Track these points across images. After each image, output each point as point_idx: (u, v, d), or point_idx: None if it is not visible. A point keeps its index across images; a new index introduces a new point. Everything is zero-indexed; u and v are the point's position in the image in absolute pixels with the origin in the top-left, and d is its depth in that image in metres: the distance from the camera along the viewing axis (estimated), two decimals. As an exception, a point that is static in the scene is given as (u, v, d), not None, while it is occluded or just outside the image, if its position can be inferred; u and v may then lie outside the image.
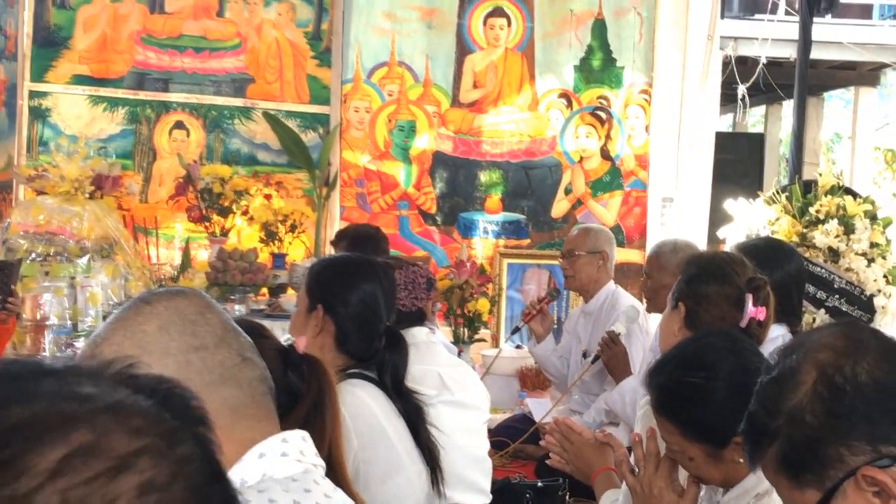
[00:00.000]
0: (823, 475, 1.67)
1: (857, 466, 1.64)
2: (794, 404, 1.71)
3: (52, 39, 7.67)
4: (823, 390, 1.69)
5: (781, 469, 1.74)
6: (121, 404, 0.75)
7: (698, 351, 2.68)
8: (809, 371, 1.71)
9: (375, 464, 3.19)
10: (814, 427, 1.68)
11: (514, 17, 8.02)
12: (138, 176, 7.75)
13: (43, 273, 6.18)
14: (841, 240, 6.58)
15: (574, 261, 5.94)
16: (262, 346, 2.16)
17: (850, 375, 1.68)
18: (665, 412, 2.62)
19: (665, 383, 2.63)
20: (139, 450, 0.72)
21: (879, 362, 1.70)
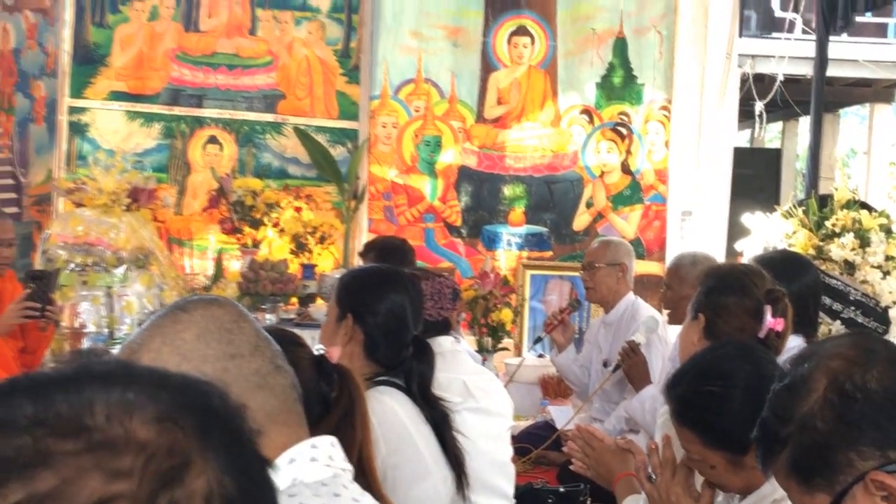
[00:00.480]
0: (833, 480, 1.68)
1: (866, 471, 1.65)
2: (805, 411, 1.71)
3: (90, 57, 7.71)
4: (834, 397, 1.69)
5: (792, 474, 1.75)
6: (118, 438, 0.70)
7: (714, 361, 2.68)
8: (821, 379, 1.72)
9: (403, 469, 3.19)
10: (824, 433, 1.69)
11: (537, 36, 8.02)
12: (173, 189, 7.77)
13: (81, 282, 6.21)
14: (857, 253, 6.56)
15: (594, 273, 5.94)
16: (297, 356, 2.17)
17: (860, 383, 1.69)
18: (685, 422, 2.62)
19: (684, 394, 2.63)
20: (107, 499, 0.67)
21: (888, 371, 1.70)
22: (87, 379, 0.73)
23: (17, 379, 0.73)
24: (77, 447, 0.68)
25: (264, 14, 7.91)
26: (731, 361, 2.63)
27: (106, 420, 0.70)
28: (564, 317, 6.16)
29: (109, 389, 0.73)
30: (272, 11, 7.91)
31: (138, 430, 0.71)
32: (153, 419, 0.72)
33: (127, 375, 0.75)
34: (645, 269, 7.69)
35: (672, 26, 7.93)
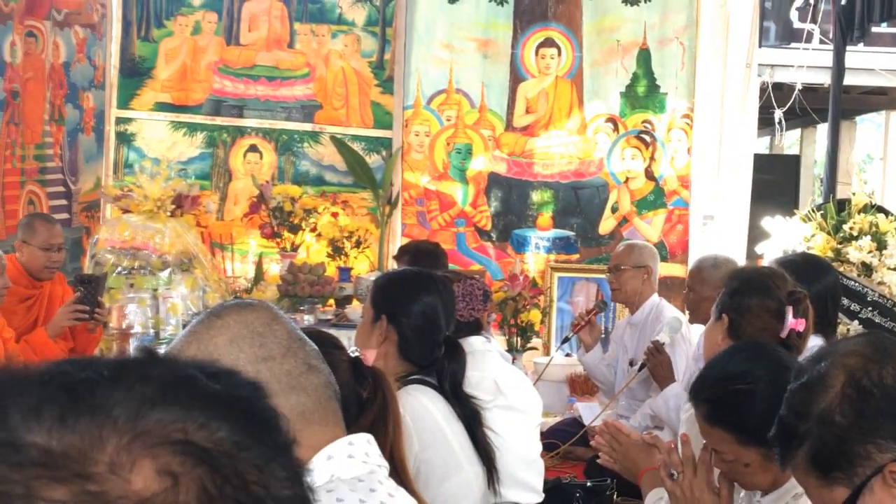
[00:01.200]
0: (852, 472, 1.68)
1: (884, 463, 1.65)
2: (824, 406, 1.72)
3: (136, 70, 7.75)
4: (852, 392, 1.70)
5: (811, 469, 1.75)
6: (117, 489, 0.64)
7: (735, 361, 2.67)
8: (838, 375, 1.72)
9: (435, 464, 3.18)
10: (843, 427, 1.69)
11: (563, 48, 8.00)
12: (215, 195, 7.80)
13: (128, 285, 6.24)
14: (874, 255, 6.52)
15: (620, 275, 5.92)
16: (336, 358, 2.16)
17: (876, 379, 1.69)
18: (717, 422, 2.60)
19: (712, 396, 2.61)
20: None
21: None
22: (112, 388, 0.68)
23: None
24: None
25: (302, 28, 7.93)
26: (750, 360, 2.62)
27: (108, 470, 0.64)
28: (591, 317, 6.14)
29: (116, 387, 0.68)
30: (310, 25, 7.93)
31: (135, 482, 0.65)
32: (157, 472, 0.66)
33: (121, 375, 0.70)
34: (668, 272, 7.66)
35: (694, 37, 7.90)
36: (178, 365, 0.75)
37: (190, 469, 0.66)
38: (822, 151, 9.88)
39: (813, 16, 9.19)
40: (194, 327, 1.77)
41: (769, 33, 12.29)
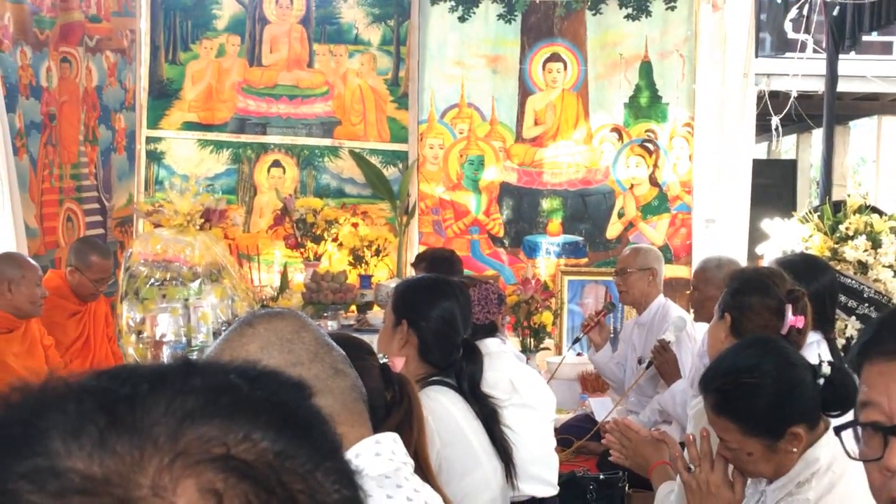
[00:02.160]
0: None
1: None
2: None
3: (164, 91, 7.79)
4: None
5: None
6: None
7: (745, 355, 2.67)
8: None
9: (456, 461, 3.19)
10: None
11: (569, 62, 8.01)
12: (241, 209, 7.82)
13: (160, 296, 6.25)
14: (869, 254, 6.50)
15: (627, 277, 5.93)
16: (368, 364, 2.18)
17: None
18: (724, 413, 2.60)
19: (721, 387, 2.61)
20: None
21: None
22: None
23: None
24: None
25: (321, 48, 7.95)
26: (758, 355, 2.62)
27: (152, 492, 0.62)
28: (600, 318, 6.15)
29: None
30: (328, 46, 7.95)
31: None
32: (200, 491, 0.63)
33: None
34: (673, 273, 7.65)
35: (693, 50, 7.90)
36: (218, 372, 0.72)
37: (234, 485, 0.63)
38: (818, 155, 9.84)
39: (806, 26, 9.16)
40: (228, 335, 1.78)
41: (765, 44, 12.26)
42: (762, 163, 12.96)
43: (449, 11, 7.95)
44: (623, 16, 7.95)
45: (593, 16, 7.98)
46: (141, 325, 6.18)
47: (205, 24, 7.82)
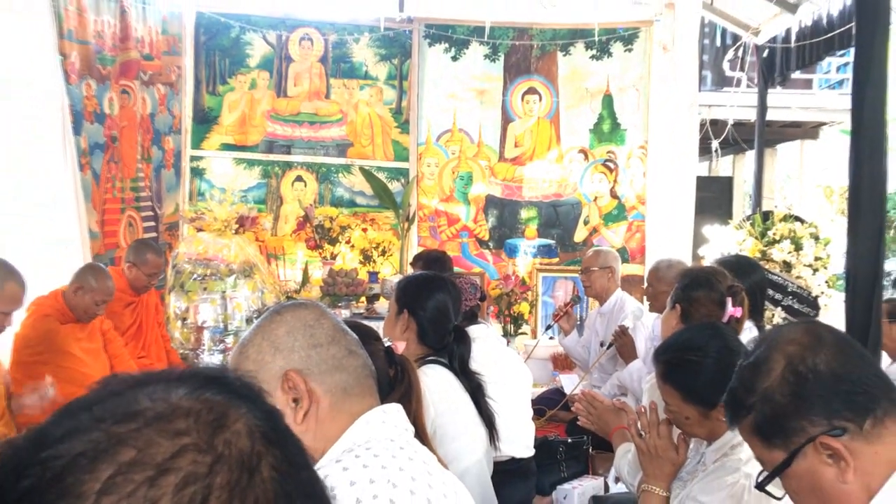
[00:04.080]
0: (788, 441, 1.65)
1: (815, 435, 1.62)
2: (766, 386, 1.69)
3: (206, 118, 7.78)
4: (790, 376, 1.67)
5: (755, 434, 1.72)
6: (167, 410, 0.69)
7: (693, 336, 2.68)
8: (779, 360, 1.69)
9: (448, 427, 3.19)
10: (782, 405, 1.66)
11: (544, 94, 8.02)
12: (270, 216, 7.82)
13: (202, 288, 6.25)
14: (792, 255, 6.53)
15: (590, 275, 5.94)
16: (375, 348, 2.18)
17: (811, 365, 1.66)
18: (670, 381, 2.62)
19: (670, 360, 2.63)
20: (178, 451, 0.66)
21: (834, 355, 1.67)
22: (121, 387, 0.72)
23: (67, 404, 0.71)
24: (139, 424, 0.67)
25: (336, 82, 7.95)
26: (705, 338, 2.63)
27: (151, 402, 0.69)
28: (569, 309, 6.17)
29: (143, 388, 0.72)
30: (342, 80, 7.95)
31: (179, 402, 0.70)
32: (186, 394, 0.71)
33: (147, 380, 0.74)
34: (629, 271, 7.67)
35: (647, 85, 7.91)
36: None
37: (209, 385, 0.74)
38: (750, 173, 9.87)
39: (741, 66, 9.17)
40: (260, 322, 1.78)
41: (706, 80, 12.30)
42: (704, 179, 12.99)
43: (444, 52, 7.95)
44: (589, 56, 7.96)
45: (564, 56, 7.99)
46: (185, 313, 6.18)
47: (239, 61, 7.82)
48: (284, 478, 0.69)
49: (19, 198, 5.39)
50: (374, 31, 7.93)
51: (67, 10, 6.33)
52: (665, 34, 7.88)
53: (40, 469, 0.64)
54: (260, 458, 0.69)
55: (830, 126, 13.29)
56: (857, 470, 1.59)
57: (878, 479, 1.59)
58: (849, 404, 1.62)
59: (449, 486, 1.75)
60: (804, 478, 1.65)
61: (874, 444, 1.60)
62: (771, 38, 8.07)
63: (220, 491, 0.65)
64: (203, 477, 0.65)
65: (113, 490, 0.62)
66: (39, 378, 4.63)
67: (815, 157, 14.63)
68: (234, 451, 0.68)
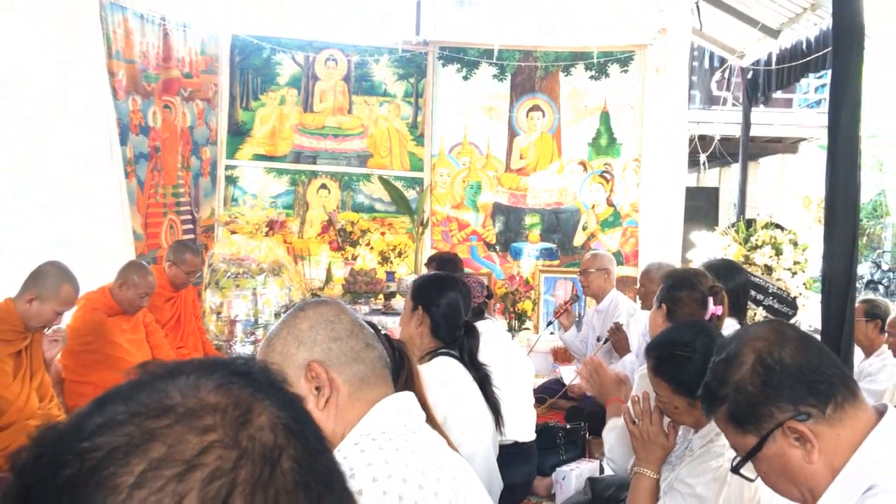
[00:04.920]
0: (760, 426, 1.69)
1: (783, 420, 1.66)
2: (738, 378, 1.72)
3: (239, 131, 7.80)
4: (759, 368, 1.71)
5: (729, 422, 1.76)
6: (196, 406, 0.68)
7: (681, 333, 2.67)
8: (749, 354, 1.73)
9: (458, 413, 3.19)
10: (753, 394, 1.70)
11: (546, 111, 8.01)
12: (297, 220, 7.83)
13: (235, 285, 6.27)
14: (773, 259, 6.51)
15: (587, 276, 5.93)
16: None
17: (777, 358, 1.70)
18: (661, 374, 2.62)
19: (661, 355, 2.63)
20: (205, 448, 0.65)
21: (797, 349, 1.71)
22: (155, 379, 0.71)
23: (105, 393, 0.70)
24: (170, 421, 0.66)
25: (358, 99, 7.96)
26: (693, 335, 2.63)
27: (181, 398, 0.69)
28: (568, 306, 6.16)
29: (174, 380, 0.71)
30: (363, 97, 7.96)
31: (207, 398, 0.69)
32: (214, 388, 0.71)
33: (178, 370, 0.73)
34: (623, 273, 7.65)
35: (641, 104, 7.90)
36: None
37: (234, 378, 0.73)
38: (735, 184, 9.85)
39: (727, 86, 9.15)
40: (286, 317, 1.79)
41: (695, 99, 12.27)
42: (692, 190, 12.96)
43: (456, 72, 7.96)
44: (588, 77, 7.95)
45: (565, 76, 7.98)
46: (220, 308, 6.20)
47: (270, 80, 7.83)
48: (303, 468, 0.69)
49: (19, 198, 5.25)
50: (392, 53, 7.94)
51: (116, 32, 6.36)
52: (658, 57, 7.88)
53: (79, 460, 0.64)
54: (281, 451, 0.68)
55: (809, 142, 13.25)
56: (821, 451, 1.63)
57: (840, 458, 1.63)
58: (812, 392, 1.66)
59: (458, 467, 1.75)
60: (774, 460, 1.69)
61: (836, 427, 1.64)
62: (755, 61, 8.06)
63: (243, 485, 0.65)
64: (228, 472, 0.65)
65: (144, 484, 0.62)
66: (89, 365, 4.66)
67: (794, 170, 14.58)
68: (258, 445, 0.68)
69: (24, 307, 3.99)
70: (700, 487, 2.43)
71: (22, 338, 4.06)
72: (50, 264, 4.13)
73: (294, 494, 0.67)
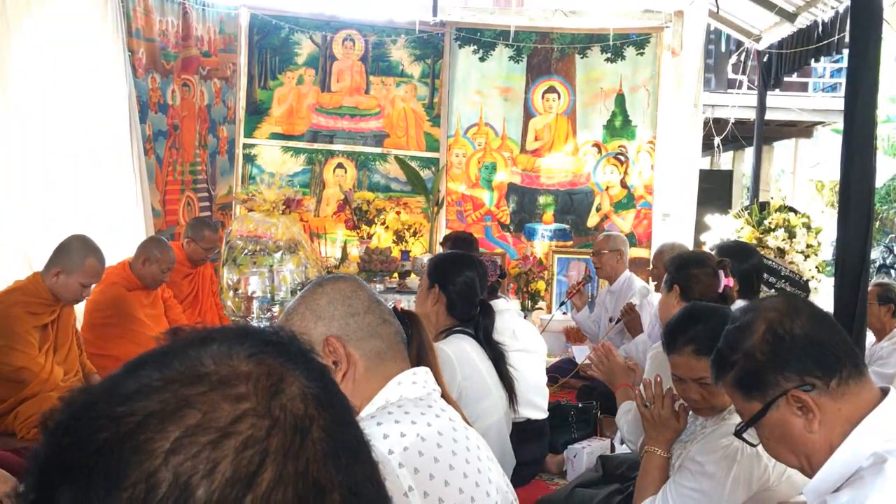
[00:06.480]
0: (765, 393, 1.72)
1: (788, 389, 1.69)
2: (749, 345, 1.75)
3: (257, 110, 7.80)
4: (770, 337, 1.73)
5: (737, 388, 1.78)
6: (230, 375, 0.68)
7: (693, 314, 2.66)
8: (761, 324, 1.75)
9: (472, 389, 3.21)
10: (762, 361, 1.73)
11: (562, 93, 7.98)
12: (313, 199, 7.84)
13: (252, 262, 6.28)
14: (786, 242, 6.48)
15: (601, 257, 5.92)
16: None
17: (788, 329, 1.73)
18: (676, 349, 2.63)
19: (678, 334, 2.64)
20: (239, 416, 0.65)
21: (809, 322, 1.74)
22: (187, 346, 0.71)
23: (138, 358, 0.70)
24: (204, 388, 0.66)
25: (375, 79, 7.95)
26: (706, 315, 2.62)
27: (215, 366, 0.69)
28: (581, 287, 6.16)
29: (207, 347, 0.71)
30: (381, 77, 7.94)
31: (240, 366, 0.69)
32: (247, 357, 0.70)
33: (210, 338, 0.73)
34: (636, 254, 7.64)
35: (656, 86, 7.86)
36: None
37: (266, 348, 0.73)
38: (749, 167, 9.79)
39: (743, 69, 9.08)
40: (304, 293, 1.79)
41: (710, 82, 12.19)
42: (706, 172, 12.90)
43: (472, 53, 7.93)
44: (603, 59, 7.91)
45: (581, 59, 7.94)
46: (237, 284, 6.21)
47: (288, 59, 7.82)
48: (332, 438, 0.69)
49: (41, 174, 5.24)
50: (409, 34, 7.91)
51: (136, 10, 6.37)
52: (674, 40, 7.82)
53: (115, 424, 0.64)
54: (312, 422, 0.69)
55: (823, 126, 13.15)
56: (821, 422, 1.67)
57: (838, 433, 1.66)
58: (819, 364, 1.69)
59: (472, 440, 1.76)
60: (776, 427, 1.72)
61: (838, 401, 1.68)
62: (771, 45, 7.99)
63: (275, 454, 0.65)
64: (261, 440, 0.65)
65: (180, 450, 0.63)
66: (108, 339, 4.70)
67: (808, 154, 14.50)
68: (289, 415, 0.67)
69: (52, 280, 4.05)
70: (710, 465, 2.43)
71: (49, 311, 4.11)
72: (75, 238, 4.18)
73: (323, 463, 0.67)
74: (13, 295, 4.04)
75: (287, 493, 0.64)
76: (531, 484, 4.05)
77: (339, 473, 0.68)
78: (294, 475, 0.65)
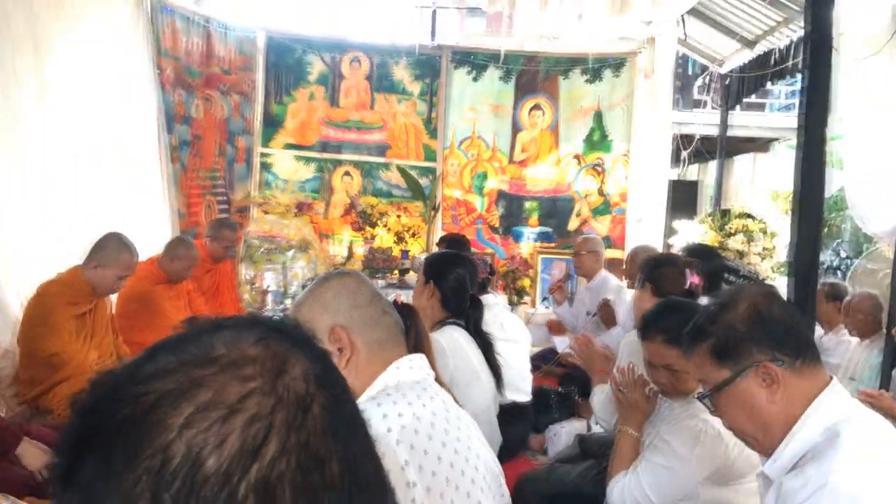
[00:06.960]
0: (738, 362, 1.73)
1: (761, 360, 1.71)
2: (730, 317, 1.76)
3: (272, 122, 7.78)
4: (752, 313, 1.75)
5: (710, 355, 1.78)
6: (239, 358, 0.69)
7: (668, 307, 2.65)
8: (745, 302, 1.77)
9: (463, 376, 3.20)
10: (741, 332, 1.74)
11: (546, 110, 7.97)
12: (322, 203, 7.83)
13: (266, 260, 6.28)
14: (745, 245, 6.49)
15: (580, 257, 5.92)
16: None
17: (768, 309, 1.75)
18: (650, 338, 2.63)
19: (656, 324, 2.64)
20: (246, 394, 0.65)
21: (784, 308, 1.78)
22: (201, 332, 0.71)
23: (157, 344, 0.71)
24: (215, 370, 0.67)
25: (379, 96, 7.94)
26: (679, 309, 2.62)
27: (226, 350, 0.69)
28: (562, 284, 6.16)
29: (218, 334, 0.71)
30: (384, 94, 7.93)
31: (248, 350, 0.69)
32: (254, 342, 0.71)
33: (221, 325, 0.73)
34: (612, 255, 7.63)
35: (631, 105, 7.86)
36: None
37: (271, 333, 0.73)
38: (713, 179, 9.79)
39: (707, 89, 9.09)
40: (312, 287, 1.79)
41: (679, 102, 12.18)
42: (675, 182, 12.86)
43: (466, 74, 7.92)
44: (584, 80, 7.91)
45: (564, 79, 7.94)
46: (253, 279, 6.21)
47: (301, 77, 7.81)
48: (331, 414, 0.69)
49: (77, 181, 5.16)
50: (410, 56, 7.90)
51: (165, 32, 6.35)
52: (647, 63, 7.83)
53: (134, 402, 0.64)
54: (312, 399, 0.69)
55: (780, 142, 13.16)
56: (782, 395, 1.69)
57: (797, 407, 1.69)
58: (789, 343, 1.72)
59: (462, 421, 1.76)
60: (741, 395, 1.73)
61: (800, 378, 1.71)
62: (733, 69, 8.00)
63: (279, 428, 0.65)
64: (266, 416, 0.65)
65: (192, 425, 0.63)
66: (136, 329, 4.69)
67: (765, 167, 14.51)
68: (292, 394, 0.68)
69: (90, 273, 4.07)
70: (677, 444, 2.43)
71: (88, 301, 4.13)
72: (111, 235, 4.19)
73: (323, 437, 0.67)
74: (54, 286, 4.05)
75: (290, 462, 0.64)
76: (516, 460, 4.05)
77: (338, 446, 0.68)
78: (296, 447, 0.65)
